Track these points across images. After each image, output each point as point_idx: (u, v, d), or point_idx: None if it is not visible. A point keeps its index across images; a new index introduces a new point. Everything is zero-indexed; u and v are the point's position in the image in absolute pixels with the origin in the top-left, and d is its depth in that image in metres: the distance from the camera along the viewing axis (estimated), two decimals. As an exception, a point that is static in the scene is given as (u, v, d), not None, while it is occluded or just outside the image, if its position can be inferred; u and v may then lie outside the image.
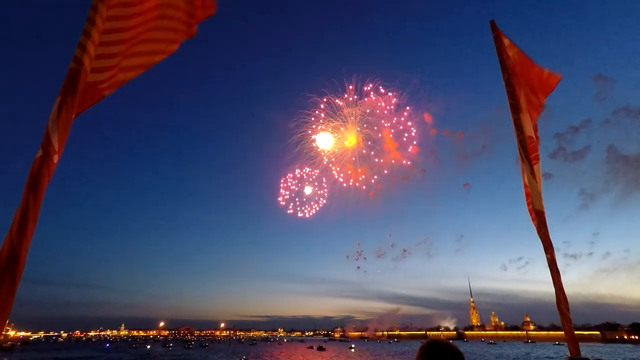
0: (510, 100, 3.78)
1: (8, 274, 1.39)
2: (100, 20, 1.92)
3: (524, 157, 3.54)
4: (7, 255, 1.41)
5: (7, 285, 1.38)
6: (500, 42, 4.03)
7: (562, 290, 3.05)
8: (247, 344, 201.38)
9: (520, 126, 3.70)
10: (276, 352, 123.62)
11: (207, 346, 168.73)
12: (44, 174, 1.56)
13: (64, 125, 1.66)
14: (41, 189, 1.54)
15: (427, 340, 1.98)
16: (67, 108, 1.68)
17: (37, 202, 1.51)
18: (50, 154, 1.59)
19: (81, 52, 1.80)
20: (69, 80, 1.74)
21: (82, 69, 1.78)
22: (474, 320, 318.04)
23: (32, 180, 1.53)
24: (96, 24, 1.90)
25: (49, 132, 1.61)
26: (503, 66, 3.94)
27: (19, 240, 1.43)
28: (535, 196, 3.48)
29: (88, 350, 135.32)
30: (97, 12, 1.92)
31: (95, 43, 1.90)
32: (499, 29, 4.07)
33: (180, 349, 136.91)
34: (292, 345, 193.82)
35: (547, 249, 3.19)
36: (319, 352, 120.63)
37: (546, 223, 3.33)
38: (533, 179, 3.50)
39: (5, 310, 1.38)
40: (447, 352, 1.85)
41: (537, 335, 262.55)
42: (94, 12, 1.91)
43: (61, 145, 1.65)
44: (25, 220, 1.47)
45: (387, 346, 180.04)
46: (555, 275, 3.08)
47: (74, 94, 1.72)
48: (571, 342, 2.90)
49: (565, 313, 2.99)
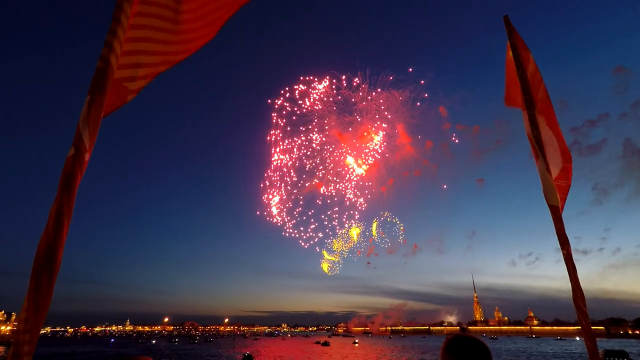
0: (525, 96, 3.75)
1: (46, 271, 1.42)
2: (125, 18, 1.93)
3: (539, 153, 3.52)
4: (44, 252, 1.43)
5: (45, 282, 1.41)
6: (514, 37, 4.00)
7: (579, 285, 3.04)
8: (251, 339, 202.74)
9: (535, 122, 3.67)
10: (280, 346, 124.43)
11: (211, 341, 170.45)
12: (77, 172, 1.58)
13: (94, 123, 1.68)
14: (74, 186, 1.55)
15: (452, 334, 1.94)
16: (97, 106, 1.70)
17: (70, 199, 1.53)
18: (82, 152, 1.61)
19: (108, 50, 1.81)
20: (97, 79, 1.75)
21: (109, 67, 1.80)
22: (477, 315, 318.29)
23: (65, 179, 1.55)
24: (121, 23, 1.90)
25: (80, 131, 1.63)
26: (517, 61, 3.91)
27: (55, 237, 1.46)
28: (549, 191, 3.45)
29: (93, 345, 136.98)
30: (122, 10, 1.92)
31: (121, 41, 1.91)
32: (512, 25, 4.04)
33: (186, 344, 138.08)
34: (296, 340, 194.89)
35: (564, 244, 3.17)
36: (324, 347, 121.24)
37: (562, 218, 3.31)
38: (548, 174, 3.48)
39: (45, 305, 1.40)
40: (473, 346, 1.81)
41: (541, 330, 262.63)
42: (118, 10, 1.92)
43: (92, 143, 1.66)
44: (60, 217, 1.49)
45: (391, 341, 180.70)
46: (572, 271, 3.07)
47: (102, 92, 1.74)
48: (588, 337, 2.89)
49: (582, 308, 2.98)
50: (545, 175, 3.46)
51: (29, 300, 1.38)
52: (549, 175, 3.48)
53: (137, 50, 2.11)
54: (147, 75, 2.21)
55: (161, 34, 2.21)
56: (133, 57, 2.06)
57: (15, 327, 1.42)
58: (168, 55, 2.31)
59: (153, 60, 2.21)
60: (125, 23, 1.95)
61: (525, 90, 3.75)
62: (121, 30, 1.91)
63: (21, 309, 1.39)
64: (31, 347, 1.37)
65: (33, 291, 1.39)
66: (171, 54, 2.33)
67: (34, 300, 1.39)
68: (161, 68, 2.30)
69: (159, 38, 2.20)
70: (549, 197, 3.45)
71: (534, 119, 3.66)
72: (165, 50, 2.26)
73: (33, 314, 1.38)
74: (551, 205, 3.40)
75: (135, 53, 2.10)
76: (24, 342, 1.35)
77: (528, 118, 3.73)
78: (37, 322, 1.39)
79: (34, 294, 1.39)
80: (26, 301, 1.39)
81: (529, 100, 3.72)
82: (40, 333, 1.43)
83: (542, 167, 3.50)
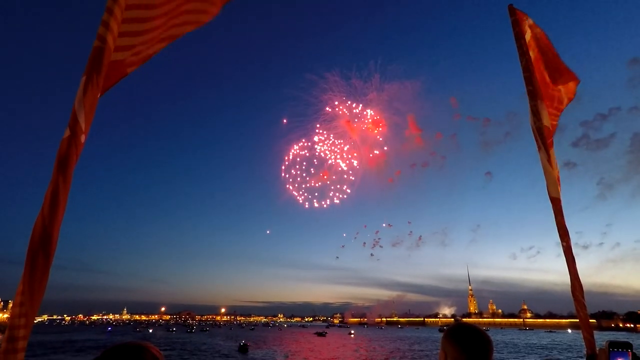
0: (528, 86, 3.71)
1: (42, 253, 1.39)
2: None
3: (541, 144, 3.50)
4: (39, 234, 1.40)
5: (41, 265, 1.38)
6: (519, 27, 3.94)
7: (578, 278, 3.04)
8: (248, 329, 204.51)
9: (538, 113, 3.64)
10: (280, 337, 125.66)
11: (207, 330, 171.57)
12: (72, 154, 1.53)
13: (90, 104, 1.63)
14: (70, 168, 1.51)
15: (454, 323, 1.96)
16: (93, 87, 1.65)
17: (66, 181, 1.49)
18: (78, 133, 1.56)
19: (104, 29, 1.75)
20: (94, 59, 1.69)
21: (105, 47, 1.74)
22: (471, 307, 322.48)
23: (60, 161, 1.50)
24: (118, 1, 1.84)
25: (76, 112, 1.58)
26: (521, 52, 3.86)
27: (51, 220, 1.42)
28: (551, 183, 3.43)
29: (90, 333, 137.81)
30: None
31: (118, 20, 1.85)
32: (518, 12, 3.97)
33: (183, 333, 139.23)
34: (294, 330, 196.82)
35: (563, 236, 3.16)
36: (320, 337, 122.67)
37: (562, 210, 3.30)
38: (549, 165, 3.46)
39: (41, 288, 1.38)
40: (475, 334, 1.82)
41: (534, 322, 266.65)
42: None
43: (88, 124, 1.62)
44: (56, 200, 1.45)
45: (386, 332, 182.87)
46: (571, 263, 3.06)
47: (99, 72, 1.68)
48: (585, 329, 2.90)
49: (580, 300, 2.99)
50: (546, 167, 3.44)
51: (24, 284, 1.35)
52: (550, 167, 3.47)
53: (135, 31, 2.04)
54: (146, 51, 2.16)
55: (157, 11, 2.14)
56: (129, 35, 2.00)
57: (10, 312, 1.39)
58: (168, 29, 2.25)
59: (152, 36, 2.15)
60: (123, 2, 1.89)
61: (528, 81, 3.72)
62: (118, 9, 1.85)
63: (16, 293, 1.36)
64: (26, 331, 1.34)
65: (28, 275, 1.36)
66: (172, 28, 2.26)
67: (29, 284, 1.35)
68: (160, 45, 2.24)
69: (155, 15, 2.13)
70: (550, 189, 3.44)
71: (536, 109, 3.63)
72: (164, 24, 2.19)
73: (28, 298, 1.35)
74: (552, 197, 3.39)
75: (134, 34, 2.03)
76: (19, 326, 1.32)
77: (531, 109, 3.70)
78: (33, 306, 1.36)
79: (29, 278, 1.36)
80: (21, 285, 1.35)
81: (531, 91, 3.69)
82: (36, 321, 1.40)
83: (544, 158, 3.49)
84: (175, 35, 2.32)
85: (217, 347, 79.29)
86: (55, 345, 77.21)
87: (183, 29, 2.34)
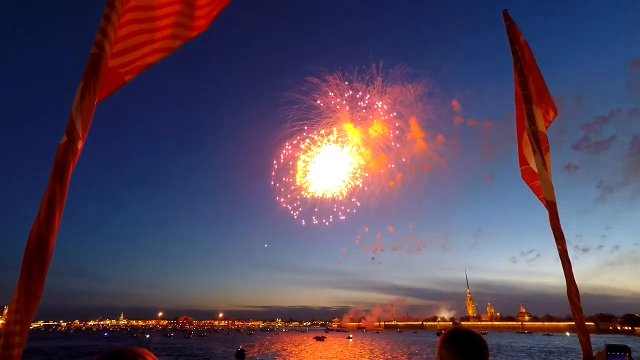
0: (523, 91, 3.75)
1: (37, 260, 1.39)
2: (119, 4, 1.88)
3: (536, 148, 3.54)
4: (35, 241, 1.40)
5: (37, 272, 1.38)
6: (513, 32, 3.99)
7: (574, 281, 3.06)
8: (246, 334, 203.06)
9: (533, 117, 3.68)
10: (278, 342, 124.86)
11: (205, 336, 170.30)
12: (69, 160, 1.54)
13: (87, 110, 1.64)
14: (66, 175, 1.52)
15: (451, 327, 1.97)
16: (90, 93, 1.66)
17: (63, 188, 1.49)
18: (75, 139, 1.57)
19: (102, 37, 1.77)
20: (91, 66, 1.71)
21: (103, 53, 1.75)
22: (470, 311, 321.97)
23: (57, 167, 1.51)
24: (116, 8, 1.86)
25: (73, 118, 1.59)
26: (515, 56, 3.91)
27: (47, 226, 1.42)
28: (546, 187, 3.47)
29: (87, 339, 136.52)
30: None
31: (116, 27, 1.86)
32: (511, 19, 4.03)
33: (180, 339, 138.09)
34: (292, 335, 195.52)
35: (559, 240, 3.19)
36: (319, 342, 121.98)
37: (557, 214, 3.33)
38: (544, 169, 3.49)
39: (36, 295, 1.37)
40: (471, 339, 1.83)
41: (532, 325, 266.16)
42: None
43: (85, 131, 1.62)
44: (52, 206, 1.45)
45: (384, 336, 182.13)
46: (567, 266, 3.09)
47: (96, 79, 1.70)
48: (582, 332, 2.92)
49: (576, 303, 3.01)
50: (541, 170, 3.48)
51: (19, 291, 1.35)
52: (545, 171, 3.50)
53: (133, 38, 2.06)
54: (144, 60, 2.17)
55: (155, 18, 2.16)
56: (127, 43, 2.02)
57: (5, 319, 1.39)
58: (165, 40, 2.26)
59: (150, 46, 2.16)
60: (120, 9, 1.90)
61: (523, 85, 3.76)
62: (116, 16, 1.86)
63: (11, 300, 1.35)
64: (22, 338, 1.34)
65: (24, 282, 1.36)
66: (169, 38, 2.28)
67: (24, 291, 1.36)
68: (157, 56, 2.26)
69: (154, 24, 2.15)
70: (546, 192, 3.47)
71: (531, 113, 3.67)
72: (161, 36, 2.21)
73: (24, 305, 1.35)
74: (548, 200, 3.42)
75: (132, 40, 2.05)
76: (15, 333, 1.32)
77: (526, 113, 3.74)
78: (28, 313, 1.36)
79: (24, 285, 1.36)
80: (17, 292, 1.36)
81: (526, 95, 3.73)
82: (32, 327, 1.40)
83: (539, 162, 3.52)
84: (171, 47, 2.33)
85: (214, 353, 78.72)
86: (51, 352, 76.49)
87: (176, 42, 2.35)
